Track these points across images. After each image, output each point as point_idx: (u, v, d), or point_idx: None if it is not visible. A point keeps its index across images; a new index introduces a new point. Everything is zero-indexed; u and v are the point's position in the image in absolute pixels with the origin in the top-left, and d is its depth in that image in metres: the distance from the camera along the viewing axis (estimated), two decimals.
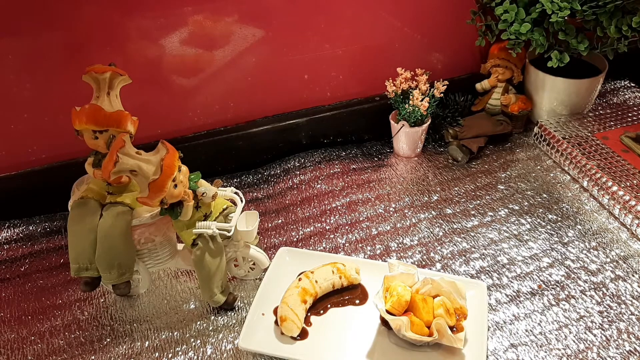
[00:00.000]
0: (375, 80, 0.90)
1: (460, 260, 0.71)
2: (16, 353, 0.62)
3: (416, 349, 0.59)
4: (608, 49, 0.83)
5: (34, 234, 0.78)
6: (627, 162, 0.81)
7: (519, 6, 0.82)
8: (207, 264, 0.61)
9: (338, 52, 0.87)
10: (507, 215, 0.78)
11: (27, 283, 0.71)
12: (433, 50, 0.94)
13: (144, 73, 0.77)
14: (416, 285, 0.61)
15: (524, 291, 0.66)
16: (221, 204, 0.64)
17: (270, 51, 0.83)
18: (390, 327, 0.60)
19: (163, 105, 0.82)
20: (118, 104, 0.60)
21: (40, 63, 0.72)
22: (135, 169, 0.54)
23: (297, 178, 0.87)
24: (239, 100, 0.86)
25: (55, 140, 0.78)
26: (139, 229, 0.63)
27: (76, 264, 0.61)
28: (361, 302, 0.65)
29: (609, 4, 0.75)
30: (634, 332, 0.61)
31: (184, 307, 0.66)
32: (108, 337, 0.63)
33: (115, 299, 0.68)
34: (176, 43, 0.77)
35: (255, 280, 0.69)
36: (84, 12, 0.71)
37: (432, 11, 0.89)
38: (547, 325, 0.62)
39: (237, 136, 0.87)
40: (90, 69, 0.58)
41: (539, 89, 0.91)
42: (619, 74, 1.06)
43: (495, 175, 0.86)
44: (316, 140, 0.93)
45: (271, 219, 0.79)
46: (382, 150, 0.92)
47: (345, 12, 0.84)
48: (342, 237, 0.76)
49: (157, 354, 0.61)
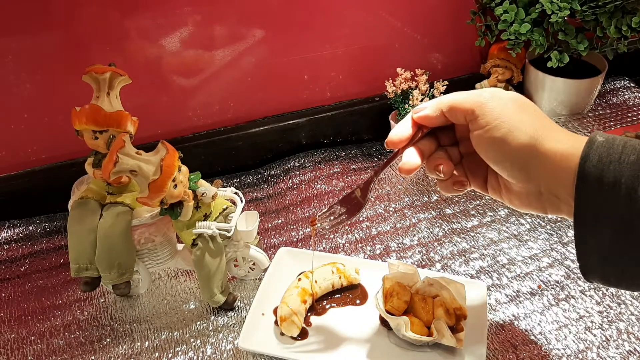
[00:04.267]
0: (375, 80, 0.90)
1: (460, 260, 0.71)
2: (16, 353, 0.62)
3: (416, 349, 0.59)
4: (608, 49, 0.83)
5: (34, 234, 0.78)
6: None
7: (519, 6, 0.82)
8: (207, 264, 0.61)
9: (338, 52, 0.87)
10: (506, 215, 0.78)
11: (27, 283, 0.71)
12: (433, 51, 0.94)
13: (144, 73, 0.78)
14: (416, 285, 0.61)
15: (524, 291, 0.66)
16: (221, 204, 0.64)
17: (270, 51, 0.83)
18: (389, 327, 0.60)
19: (163, 105, 0.82)
20: (118, 104, 0.60)
21: (40, 63, 0.72)
22: (135, 169, 0.54)
23: (297, 178, 0.87)
24: (239, 100, 0.86)
25: (55, 140, 0.78)
26: (139, 229, 0.63)
27: (76, 264, 0.61)
28: (361, 302, 0.65)
29: (608, 4, 0.75)
30: (634, 332, 0.61)
31: (184, 307, 0.66)
32: (108, 337, 0.63)
33: (115, 299, 0.68)
34: (176, 43, 0.77)
35: (255, 280, 0.69)
36: (84, 12, 0.71)
37: (432, 11, 0.89)
38: (546, 325, 0.62)
39: (237, 136, 0.87)
40: (90, 69, 0.58)
41: (539, 89, 0.91)
42: (619, 74, 1.06)
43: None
44: (316, 140, 0.93)
45: (271, 219, 0.79)
46: (382, 150, 0.92)
47: (345, 12, 0.84)
48: (342, 237, 0.76)
49: (157, 354, 0.61)
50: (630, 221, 0.39)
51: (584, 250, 0.42)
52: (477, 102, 0.45)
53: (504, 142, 0.44)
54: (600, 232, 0.40)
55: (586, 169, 0.40)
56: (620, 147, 0.40)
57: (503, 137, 0.44)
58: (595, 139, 0.42)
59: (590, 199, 0.40)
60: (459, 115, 0.47)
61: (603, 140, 0.41)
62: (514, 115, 0.44)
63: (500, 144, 0.45)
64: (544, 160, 0.43)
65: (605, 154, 0.40)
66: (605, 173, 0.39)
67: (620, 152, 0.40)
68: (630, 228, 0.39)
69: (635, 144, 0.40)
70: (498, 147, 0.45)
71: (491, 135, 0.45)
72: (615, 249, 0.40)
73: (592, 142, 0.41)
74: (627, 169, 0.39)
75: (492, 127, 0.45)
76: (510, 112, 0.44)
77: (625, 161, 0.39)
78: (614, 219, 0.39)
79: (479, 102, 0.45)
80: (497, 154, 0.46)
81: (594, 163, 0.40)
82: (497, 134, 0.44)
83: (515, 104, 0.45)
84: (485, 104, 0.45)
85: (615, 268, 0.41)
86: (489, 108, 0.45)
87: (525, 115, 0.45)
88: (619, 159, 0.39)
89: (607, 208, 0.40)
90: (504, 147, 0.45)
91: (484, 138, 0.46)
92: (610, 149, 0.40)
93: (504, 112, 0.44)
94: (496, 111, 0.44)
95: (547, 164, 0.43)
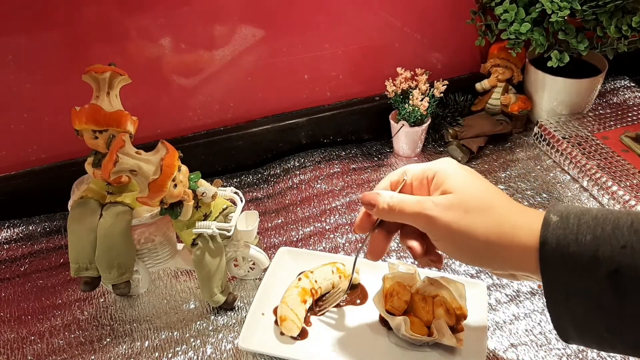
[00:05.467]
0: (375, 80, 0.90)
1: None
2: (16, 353, 0.62)
3: (416, 349, 0.59)
4: (608, 48, 0.83)
5: (34, 233, 0.78)
6: (627, 162, 0.81)
7: (519, 6, 0.82)
8: (207, 264, 0.61)
9: (338, 52, 0.87)
10: None
11: (26, 283, 0.71)
12: (433, 50, 0.94)
13: (144, 73, 0.77)
14: (416, 285, 0.61)
15: (524, 291, 0.66)
16: (221, 204, 0.64)
17: (270, 51, 0.83)
18: (389, 327, 0.60)
19: (163, 105, 0.82)
20: (118, 104, 0.60)
21: (39, 63, 0.72)
22: (135, 169, 0.54)
23: (297, 178, 0.87)
24: (239, 100, 0.86)
25: (55, 140, 0.78)
26: (139, 229, 0.63)
27: (76, 263, 0.61)
28: (361, 302, 0.65)
29: (608, 4, 0.75)
30: None
31: (184, 307, 0.66)
32: (108, 337, 0.63)
33: (115, 299, 0.68)
34: (176, 43, 0.77)
35: (255, 280, 0.69)
36: (84, 12, 0.71)
37: (432, 11, 0.89)
38: (547, 325, 0.62)
39: (237, 136, 0.87)
40: (89, 68, 0.58)
41: (539, 89, 0.91)
42: (619, 74, 1.06)
43: (495, 175, 0.86)
44: (316, 140, 0.93)
45: (271, 219, 0.79)
46: (382, 150, 0.92)
47: (345, 12, 0.84)
48: (342, 237, 0.76)
49: (157, 354, 0.61)
50: (599, 297, 0.40)
51: (560, 323, 0.43)
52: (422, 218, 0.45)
53: (461, 250, 0.45)
54: (573, 307, 0.41)
55: (547, 254, 0.41)
56: (576, 227, 0.40)
57: (458, 247, 0.45)
58: (550, 219, 0.42)
59: (558, 279, 0.41)
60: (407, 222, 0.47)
61: (557, 220, 0.42)
62: (461, 224, 0.44)
63: (457, 252, 0.46)
64: (505, 257, 0.44)
65: (562, 236, 0.41)
66: (565, 256, 0.40)
67: (576, 233, 0.40)
68: (599, 304, 0.40)
69: (588, 219, 0.41)
70: (456, 254, 0.46)
71: (446, 246, 0.46)
72: (590, 322, 0.41)
73: (547, 224, 0.42)
74: (585, 250, 0.39)
75: (443, 240, 0.45)
76: (457, 223, 0.44)
77: (582, 241, 0.40)
78: (583, 296, 0.40)
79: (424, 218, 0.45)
80: (457, 258, 0.47)
81: (553, 247, 0.41)
82: (451, 245, 0.45)
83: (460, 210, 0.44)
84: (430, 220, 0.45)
85: (593, 337, 0.42)
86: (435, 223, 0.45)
87: (473, 218, 0.44)
88: (575, 239, 0.40)
89: (575, 287, 0.40)
90: (461, 254, 0.46)
91: (439, 246, 0.47)
92: (566, 229, 0.41)
93: (450, 224, 0.44)
94: (443, 226, 0.44)
95: (509, 259, 0.44)
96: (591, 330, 0.42)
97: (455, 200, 0.45)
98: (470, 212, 0.44)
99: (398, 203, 0.47)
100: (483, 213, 0.44)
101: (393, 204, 0.47)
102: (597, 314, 0.40)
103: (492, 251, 0.44)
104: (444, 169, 0.47)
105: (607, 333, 0.41)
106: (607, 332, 0.41)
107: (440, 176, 0.47)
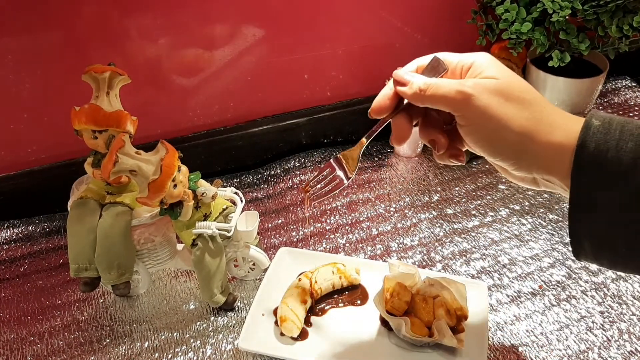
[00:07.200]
0: (375, 80, 0.90)
1: (460, 260, 0.71)
2: (15, 353, 0.62)
3: (416, 350, 0.59)
4: (609, 48, 0.83)
5: (34, 234, 0.78)
6: None
7: (520, 5, 0.82)
8: (207, 264, 0.61)
9: (338, 52, 0.87)
10: (507, 215, 0.77)
11: (26, 283, 0.71)
12: (433, 50, 0.93)
13: (143, 73, 0.77)
14: (417, 285, 0.61)
15: (525, 291, 0.66)
16: (221, 204, 0.64)
17: (270, 51, 0.83)
18: (390, 328, 0.60)
19: (163, 105, 0.82)
20: (117, 104, 0.60)
21: (40, 63, 0.72)
22: (134, 169, 0.54)
23: (297, 178, 0.86)
24: (239, 100, 0.86)
25: (55, 140, 0.78)
26: (138, 229, 0.63)
27: (75, 264, 0.61)
28: (361, 303, 0.65)
29: (610, 3, 0.75)
30: (635, 332, 0.60)
31: (184, 307, 0.66)
32: (107, 338, 0.63)
33: (114, 300, 0.68)
34: (176, 43, 0.77)
35: (255, 280, 0.69)
36: (84, 12, 0.71)
37: (433, 11, 0.89)
38: (548, 326, 0.62)
39: (237, 136, 0.87)
40: (89, 68, 0.58)
41: (540, 89, 0.91)
42: (620, 74, 1.06)
43: (496, 175, 0.85)
44: (316, 140, 0.93)
45: (271, 219, 0.79)
46: (382, 150, 0.92)
47: (345, 12, 0.84)
48: (342, 237, 0.76)
49: (156, 355, 0.61)
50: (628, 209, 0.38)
51: (578, 237, 0.41)
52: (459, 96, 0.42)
53: (491, 140, 0.43)
54: (596, 219, 0.40)
55: (583, 157, 0.39)
56: (618, 133, 0.39)
57: (489, 136, 0.43)
58: (591, 123, 0.40)
59: (589, 186, 0.39)
60: (440, 105, 0.44)
61: (599, 124, 0.40)
62: (499, 110, 0.42)
63: (486, 142, 0.43)
64: (536, 154, 0.42)
65: (602, 140, 0.39)
66: (602, 161, 0.38)
67: (617, 139, 0.38)
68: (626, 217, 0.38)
69: (632, 127, 0.39)
70: (484, 144, 0.43)
71: (476, 133, 0.43)
72: (611, 233, 0.40)
73: (588, 127, 0.40)
74: (625, 156, 0.38)
75: (476, 125, 0.43)
76: (495, 108, 0.42)
77: (623, 148, 0.38)
78: (610, 208, 0.39)
79: (461, 96, 0.42)
80: (485, 150, 0.44)
81: (590, 151, 0.39)
82: (483, 132, 0.43)
83: (501, 96, 0.42)
84: (468, 100, 0.42)
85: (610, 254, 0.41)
86: (472, 104, 0.42)
87: (512, 107, 0.42)
88: (616, 146, 0.38)
89: (605, 196, 0.39)
90: (491, 145, 0.43)
91: (468, 134, 0.44)
92: (607, 134, 0.39)
93: (488, 108, 0.42)
94: (480, 108, 0.42)
95: (540, 157, 0.42)
96: (609, 247, 0.40)
97: (499, 86, 0.42)
98: (511, 101, 0.42)
99: (434, 83, 0.44)
100: (523, 105, 0.42)
101: (429, 83, 0.44)
102: (621, 229, 0.39)
103: (523, 145, 0.41)
104: (484, 58, 0.44)
105: (626, 249, 0.39)
106: (626, 248, 0.39)
107: (479, 64, 0.44)
